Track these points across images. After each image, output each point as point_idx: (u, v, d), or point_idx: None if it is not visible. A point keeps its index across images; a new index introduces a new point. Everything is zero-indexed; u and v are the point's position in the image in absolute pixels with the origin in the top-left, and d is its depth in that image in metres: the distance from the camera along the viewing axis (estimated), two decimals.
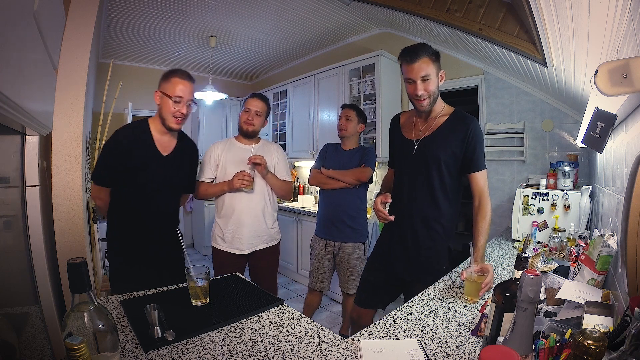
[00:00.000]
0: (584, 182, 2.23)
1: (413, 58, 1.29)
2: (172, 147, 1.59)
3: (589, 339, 0.47)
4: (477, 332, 0.95)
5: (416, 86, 1.31)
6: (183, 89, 1.49)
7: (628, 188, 0.86)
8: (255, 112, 1.95)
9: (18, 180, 1.06)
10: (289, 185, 2.09)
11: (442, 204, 1.42)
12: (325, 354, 0.85)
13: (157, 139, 1.55)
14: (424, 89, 1.31)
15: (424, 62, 1.29)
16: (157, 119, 1.55)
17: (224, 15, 3.29)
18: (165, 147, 1.57)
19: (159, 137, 1.55)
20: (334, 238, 2.32)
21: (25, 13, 0.70)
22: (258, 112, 1.95)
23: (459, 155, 1.37)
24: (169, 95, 1.47)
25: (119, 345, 0.70)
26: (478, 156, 1.36)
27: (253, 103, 1.96)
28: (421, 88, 1.31)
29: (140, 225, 1.55)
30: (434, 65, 1.31)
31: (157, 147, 1.54)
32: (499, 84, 2.80)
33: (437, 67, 1.32)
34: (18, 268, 1.03)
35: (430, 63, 1.30)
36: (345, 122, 2.32)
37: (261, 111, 1.96)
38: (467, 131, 1.36)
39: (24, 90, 0.70)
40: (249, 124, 1.96)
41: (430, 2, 2.19)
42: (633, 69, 0.65)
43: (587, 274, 1.05)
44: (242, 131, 2.00)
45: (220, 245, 1.97)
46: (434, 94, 1.35)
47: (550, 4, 1.31)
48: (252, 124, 1.95)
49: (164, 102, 1.49)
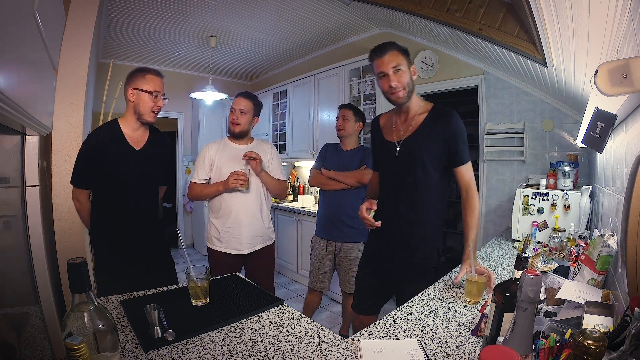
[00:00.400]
0: (584, 182, 2.23)
1: (382, 52, 1.34)
2: (144, 141, 1.64)
3: (589, 339, 0.47)
4: (477, 332, 0.95)
5: (389, 78, 1.33)
6: (160, 84, 1.59)
7: (628, 188, 0.86)
8: (240, 111, 1.93)
9: (18, 180, 1.06)
10: (283, 184, 2.08)
11: (428, 204, 1.41)
12: (325, 354, 0.86)
13: (129, 135, 1.60)
14: (397, 80, 1.33)
15: (392, 54, 1.33)
16: (129, 116, 1.59)
17: (224, 15, 3.29)
18: (137, 141, 1.62)
19: (130, 133, 1.60)
20: (334, 238, 2.32)
21: (25, 13, 0.70)
22: (242, 110, 1.93)
23: (442, 151, 1.37)
24: (149, 91, 1.55)
25: (119, 345, 0.70)
26: (461, 150, 1.36)
27: (237, 102, 1.95)
28: (394, 79, 1.33)
29: (123, 222, 1.58)
30: (404, 58, 1.35)
31: (129, 143, 1.59)
32: (499, 84, 2.80)
33: (407, 61, 1.36)
34: (18, 268, 1.03)
35: (399, 55, 1.34)
36: (342, 122, 2.32)
37: (246, 109, 1.94)
38: (448, 126, 1.36)
39: (24, 90, 0.70)
40: (234, 124, 1.95)
41: (430, 2, 2.19)
42: (633, 69, 0.65)
43: (587, 274, 1.05)
44: (229, 132, 1.99)
45: (216, 246, 1.96)
46: (408, 86, 1.36)
47: (550, 4, 1.31)
48: (238, 123, 1.94)
49: (140, 98, 1.55)
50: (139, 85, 1.55)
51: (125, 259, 1.56)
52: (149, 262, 1.59)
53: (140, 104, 1.55)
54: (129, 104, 1.57)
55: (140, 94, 1.54)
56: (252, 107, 1.96)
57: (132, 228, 1.59)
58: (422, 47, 3.23)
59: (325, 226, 2.35)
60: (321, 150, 2.49)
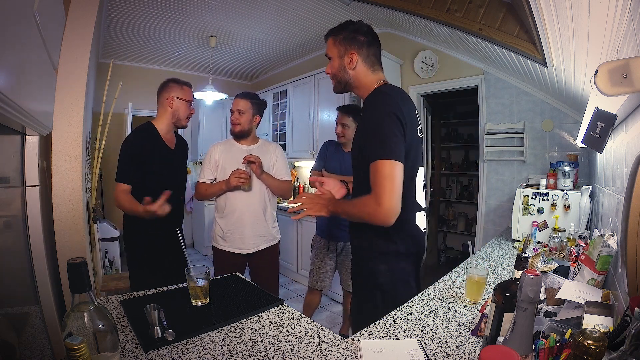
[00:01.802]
0: (584, 182, 2.23)
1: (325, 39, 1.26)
2: (174, 143, 1.87)
3: (589, 339, 0.47)
4: (477, 332, 0.95)
5: None
6: (192, 95, 1.86)
7: (628, 188, 0.86)
8: (238, 111, 1.95)
9: (18, 180, 1.06)
10: (287, 184, 2.08)
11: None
12: (325, 354, 0.85)
13: (164, 136, 1.80)
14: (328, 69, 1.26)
15: (328, 43, 1.25)
16: (165, 120, 1.80)
17: (224, 15, 3.29)
18: (170, 142, 1.84)
19: (164, 135, 1.81)
20: (337, 238, 2.32)
21: (25, 13, 0.70)
22: (240, 110, 1.95)
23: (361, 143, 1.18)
24: (188, 100, 1.82)
25: (119, 345, 0.70)
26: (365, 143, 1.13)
27: (234, 103, 1.98)
28: (327, 68, 1.27)
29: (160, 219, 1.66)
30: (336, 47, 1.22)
31: (166, 143, 1.81)
32: (499, 84, 2.80)
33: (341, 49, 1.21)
34: (18, 268, 1.03)
35: (331, 43, 1.23)
36: (342, 129, 2.28)
37: (244, 109, 1.95)
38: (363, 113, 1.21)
39: (24, 90, 0.70)
40: (234, 124, 1.97)
41: (430, 2, 2.19)
42: (633, 69, 0.65)
43: (587, 274, 1.05)
44: (231, 133, 2.01)
45: (221, 245, 1.97)
46: (335, 77, 1.25)
47: (550, 4, 1.31)
48: (238, 122, 1.96)
49: (180, 105, 1.80)
50: (178, 94, 1.78)
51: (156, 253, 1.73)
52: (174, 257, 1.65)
53: (179, 111, 1.80)
54: (167, 110, 1.78)
55: (180, 102, 1.79)
56: (250, 106, 1.97)
57: (164, 222, 1.69)
58: (422, 47, 3.24)
59: (327, 226, 2.34)
60: (321, 149, 2.45)
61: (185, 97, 1.80)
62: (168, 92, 1.78)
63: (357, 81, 1.22)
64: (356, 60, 1.20)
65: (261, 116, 2.05)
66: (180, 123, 1.83)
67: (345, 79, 1.23)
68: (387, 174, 1.04)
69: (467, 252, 1.35)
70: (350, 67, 1.21)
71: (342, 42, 1.20)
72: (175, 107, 1.78)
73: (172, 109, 1.78)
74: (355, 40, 1.19)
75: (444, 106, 4.60)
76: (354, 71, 1.21)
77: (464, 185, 4.75)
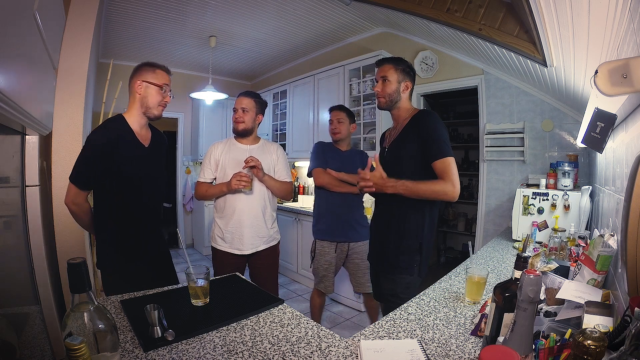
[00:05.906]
0: (584, 182, 2.23)
1: (379, 63, 1.60)
2: (149, 139, 1.60)
3: (589, 339, 0.47)
4: (477, 332, 0.95)
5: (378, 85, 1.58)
6: (168, 80, 1.57)
7: (628, 188, 0.86)
8: (242, 109, 1.95)
9: (18, 180, 1.06)
10: (288, 185, 2.07)
11: (408, 201, 1.45)
12: (325, 354, 0.86)
13: (137, 132, 1.54)
14: (380, 89, 1.56)
15: (385, 67, 1.56)
16: (134, 111, 1.53)
17: (224, 15, 3.29)
18: (144, 139, 1.57)
19: (138, 130, 1.54)
20: (348, 238, 2.31)
21: (25, 13, 0.70)
22: (245, 108, 1.94)
23: (419, 151, 1.44)
24: (158, 84, 1.51)
25: (119, 345, 0.70)
26: (435, 146, 1.41)
27: (238, 101, 1.97)
28: (378, 87, 1.57)
29: (133, 221, 1.53)
30: (395, 72, 1.54)
31: (139, 140, 1.54)
32: (499, 84, 2.80)
33: (399, 75, 1.54)
34: (18, 268, 1.03)
35: (391, 69, 1.54)
36: (337, 124, 2.30)
37: (248, 107, 1.95)
38: (418, 123, 1.47)
39: (24, 90, 0.70)
40: (238, 122, 1.96)
41: (430, 2, 2.19)
42: (633, 69, 0.65)
43: (587, 274, 1.05)
44: (234, 131, 2.00)
45: (220, 246, 1.96)
46: (389, 96, 1.55)
47: (550, 4, 1.31)
48: (242, 120, 1.95)
49: (149, 91, 1.50)
50: (148, 78, 1.50)
51: (132, 259, 1.52)
52: (154, 261, 1.58)
53: (148, 97, 1.50)
54: (136, 96, 1.50)
55: (149, 86, 1.49)
56: (254, 105, 1.97)
57: (141, 227, 1.55)
58: (422, 47, 3.23)
59: (337, 227, 2.30)
60: (317, 149, 2.40)
61: (155, 81, 1.50)
62: (137, 76, 1.51)
63: (403, 104, 1.57)
64: (409, 89, 1.57)
65: (263, 116, 2.05)
66: (150, 112, 1.52)
67: (397, 100, 1.56)
68: (454, 167, 1.40)
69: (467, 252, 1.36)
70: (403, 93, 1.56)
71: (402, 72, 1.55)
72: (143, 93, 1.49)
73: (140, 95, 1.50)
74: (409, 75, 1.57)
75: (444, 106, 4.60)
76: (404, 96, 1.56)
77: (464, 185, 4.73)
